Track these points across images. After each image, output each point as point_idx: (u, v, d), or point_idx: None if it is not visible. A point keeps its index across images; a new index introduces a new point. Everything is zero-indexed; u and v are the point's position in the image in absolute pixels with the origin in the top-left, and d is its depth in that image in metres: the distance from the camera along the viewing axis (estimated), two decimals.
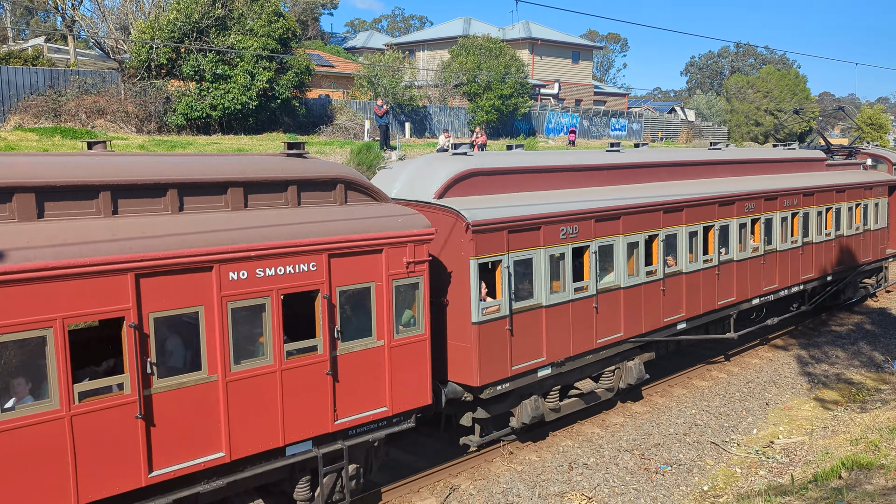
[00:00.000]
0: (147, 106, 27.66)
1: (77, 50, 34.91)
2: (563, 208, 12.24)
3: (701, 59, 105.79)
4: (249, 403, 8.52)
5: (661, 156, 17.23)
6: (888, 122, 77.60)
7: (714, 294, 15.91)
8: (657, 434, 13.66)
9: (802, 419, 14.88)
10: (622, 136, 54.22)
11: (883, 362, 18.35)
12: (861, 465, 10.35)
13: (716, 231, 15.78)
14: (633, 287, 13.70)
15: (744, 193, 16.72)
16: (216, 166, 8.88)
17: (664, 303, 14.48)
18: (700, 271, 15.47)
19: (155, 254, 7.63)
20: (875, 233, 22.59)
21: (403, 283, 9.89)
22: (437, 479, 11.56)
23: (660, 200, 14.27)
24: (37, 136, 23.13)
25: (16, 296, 6.84)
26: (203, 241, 8.04)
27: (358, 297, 9.49)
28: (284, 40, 30.41)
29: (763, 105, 68.96)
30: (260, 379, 8.59)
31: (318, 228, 9.02)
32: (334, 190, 9.63)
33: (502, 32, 57.06)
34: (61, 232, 7.30)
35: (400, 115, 38.48)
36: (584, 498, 11.18)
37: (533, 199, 12.26)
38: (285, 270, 8.71)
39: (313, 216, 9.20)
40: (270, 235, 8.56)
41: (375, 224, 9.60)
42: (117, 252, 7.40)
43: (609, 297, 13.16)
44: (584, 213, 12.58)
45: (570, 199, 12.83)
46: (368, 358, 9.61)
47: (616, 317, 13.35)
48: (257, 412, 8.58)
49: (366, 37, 68.31)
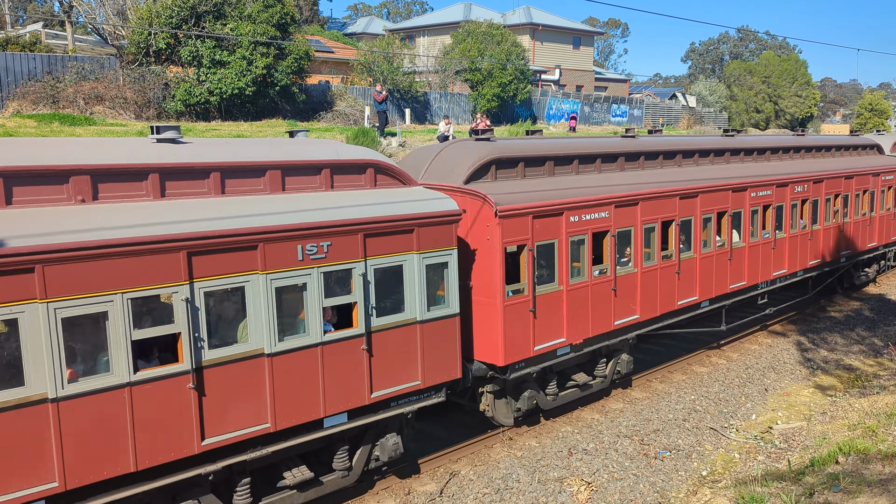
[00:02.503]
0: (145, 92, 27.57)
1: (75, 36, 34.74)
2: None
3: (702, 45, 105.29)
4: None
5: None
6: (889, 108, 77.32)
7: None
8: (656, 420, 13.72)
9: (801, 405, 14.95)
10: (623, 122, 54.05)
11: (882, 348, 18.41)
12: (858, 451, 10.40)
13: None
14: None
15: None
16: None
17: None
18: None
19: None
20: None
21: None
22: (438, 465, 11.63)
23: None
24: (35, 122, 23.07)
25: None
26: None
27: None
28: (283, 26, 30.24)
29: (763, 91, 68.67)
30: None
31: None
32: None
33: (503, 18, 56.75)
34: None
35: (400, 101, 38.33)
36: (584, 483, 11.25)
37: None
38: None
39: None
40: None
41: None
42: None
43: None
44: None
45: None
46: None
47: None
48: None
49: (366, 22, 67.95)
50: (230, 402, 8.43)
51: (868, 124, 69.96)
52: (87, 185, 7.78)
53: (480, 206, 11.12)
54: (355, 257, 9.38)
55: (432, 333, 10.35)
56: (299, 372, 8.99)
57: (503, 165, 12.17)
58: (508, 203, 11.18)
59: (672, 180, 14.80)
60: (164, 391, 7.90)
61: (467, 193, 11.28)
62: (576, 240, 12.41)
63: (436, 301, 10.42)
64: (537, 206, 11.63)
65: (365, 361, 9.60)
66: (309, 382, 9.11)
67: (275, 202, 8.88)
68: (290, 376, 8.91)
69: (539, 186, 12.19)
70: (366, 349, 9.58)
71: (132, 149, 8.44)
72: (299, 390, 9.00)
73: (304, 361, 9.03)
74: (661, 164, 15.62)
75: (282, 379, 8.82)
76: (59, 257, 7.12)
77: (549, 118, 47.91)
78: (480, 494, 10.83)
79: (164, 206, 8.17)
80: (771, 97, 68.71)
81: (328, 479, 9.89)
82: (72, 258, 7.19)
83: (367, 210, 9.53)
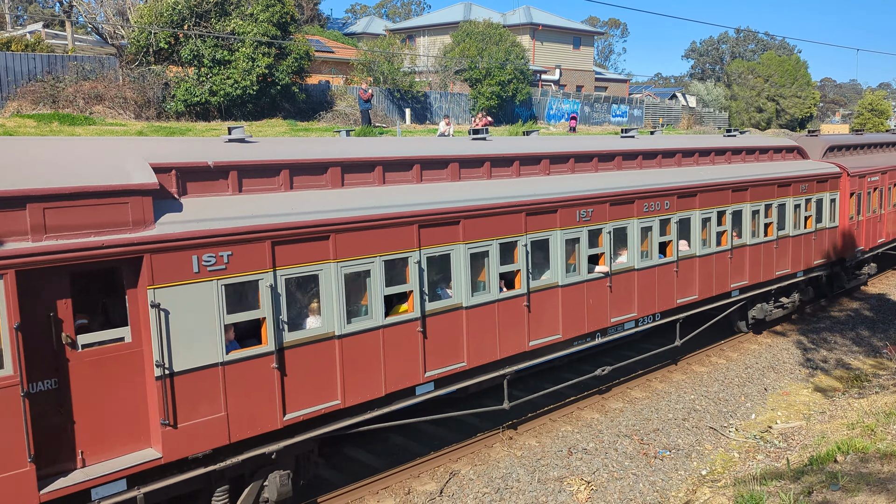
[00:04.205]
0: (146, 92, 27.57)
1: (75, 35, 34.75)
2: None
3: (702, 46, 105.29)
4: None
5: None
6: (889, 108, 77.34)
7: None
8: (656, 419, 13.74)
9: (800, 404, 14.96)
10: (623, 122, 54.06)
11: (882, 348, 18.42)
12: (857, 450, 10.42)
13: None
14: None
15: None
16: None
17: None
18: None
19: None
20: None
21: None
22: (437, 465, 11.64)
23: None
24: (35, 122, 23.09)
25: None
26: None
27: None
28: (283, 25, 30.26)
29: (765, 91, 68.70)
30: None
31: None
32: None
33: (503, 18, 56.75)
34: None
35: (400, 101, 38.34)
36: (584, 482, 11.26)
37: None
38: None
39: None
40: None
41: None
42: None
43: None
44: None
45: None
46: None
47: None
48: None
49: (366, 22, 67.99)
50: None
51: (868, 124, 69.94)
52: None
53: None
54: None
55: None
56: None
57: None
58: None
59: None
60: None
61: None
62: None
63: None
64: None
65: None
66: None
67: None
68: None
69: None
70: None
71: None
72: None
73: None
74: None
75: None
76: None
77: (550, 118, 47.92)
78: (480, 494, 10.85)
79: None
80: (772, 97, 68.76)
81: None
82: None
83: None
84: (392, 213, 9.69)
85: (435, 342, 10.43)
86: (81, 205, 7.12)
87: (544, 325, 12.13)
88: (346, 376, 9.35)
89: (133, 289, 7.61)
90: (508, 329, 11.50)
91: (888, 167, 23.10)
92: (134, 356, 7.65)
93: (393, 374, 9.92)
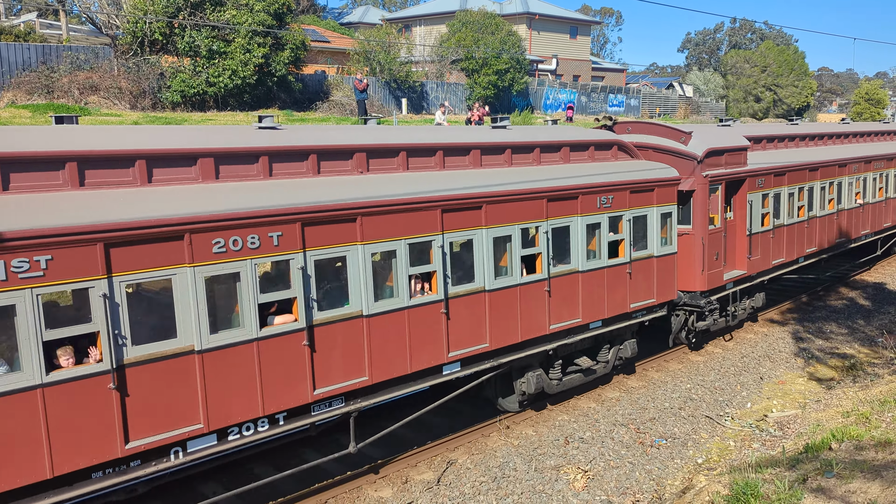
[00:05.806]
0: (141, 82, 27.42)
1: (69, 25, 34.53)
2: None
3: (698, 35, 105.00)
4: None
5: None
6: (886, 97, 77.30)
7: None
8: (652, 408, 13.80)
9: (796, 393, 15.04)
10: (620, 111, 53.99)
11: (877, 336, 18.50)
12: (852, 438, 10.48)
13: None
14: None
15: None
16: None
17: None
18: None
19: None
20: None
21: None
22: (435, 454, 11.69)
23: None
24: (30, 112, 22.99)
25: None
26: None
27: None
28: (279, 15, 30.09)
29: (761, 80, 68.60)
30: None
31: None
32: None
33: (499, 7, 56.53)
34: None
35: (397, 90, 38.22)
36: (580, 471, 11.32)
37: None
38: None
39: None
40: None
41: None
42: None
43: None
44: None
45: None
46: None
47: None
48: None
49: (362, 12, 67.62)
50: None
51: (864, 114, 69.93)
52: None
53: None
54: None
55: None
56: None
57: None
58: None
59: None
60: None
61: None
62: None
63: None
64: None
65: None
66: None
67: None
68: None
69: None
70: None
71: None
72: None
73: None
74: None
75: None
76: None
77: (546, 108, 47.83)
78: (477, 482, 10.90)
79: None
80: (770, 86, 68.66)
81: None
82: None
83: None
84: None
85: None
86: None
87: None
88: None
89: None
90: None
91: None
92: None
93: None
